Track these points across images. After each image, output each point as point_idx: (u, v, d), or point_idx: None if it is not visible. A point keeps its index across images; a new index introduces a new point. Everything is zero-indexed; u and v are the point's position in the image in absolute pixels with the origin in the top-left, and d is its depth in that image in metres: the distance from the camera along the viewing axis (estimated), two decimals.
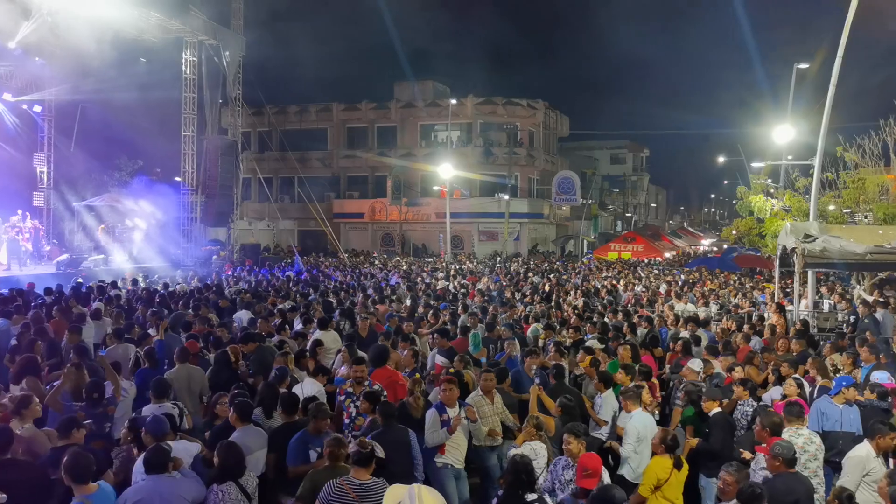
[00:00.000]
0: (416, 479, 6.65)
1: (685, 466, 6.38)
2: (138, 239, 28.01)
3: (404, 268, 30.38)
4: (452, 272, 27.60)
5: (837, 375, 8.90)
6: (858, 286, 21.13)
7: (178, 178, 31.80)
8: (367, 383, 8.06)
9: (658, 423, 8.08)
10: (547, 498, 5.54)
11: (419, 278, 24.63)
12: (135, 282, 20.31)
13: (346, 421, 7.82)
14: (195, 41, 30.34)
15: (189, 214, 31.25)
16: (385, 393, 8.19)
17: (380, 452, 5.50)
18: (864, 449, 6.45)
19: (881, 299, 17.50)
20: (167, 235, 29.25)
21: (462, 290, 20.27)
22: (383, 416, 6.84)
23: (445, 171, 40.88)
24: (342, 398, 7.97)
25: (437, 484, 6.74)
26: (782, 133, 25.33)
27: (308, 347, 10.22)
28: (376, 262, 34.64)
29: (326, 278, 24.37)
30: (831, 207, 22.57)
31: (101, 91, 26.58)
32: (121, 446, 6.78)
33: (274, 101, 47.22)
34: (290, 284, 21.35)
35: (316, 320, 12.14)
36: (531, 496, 5.44)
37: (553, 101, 52.67)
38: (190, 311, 13.82)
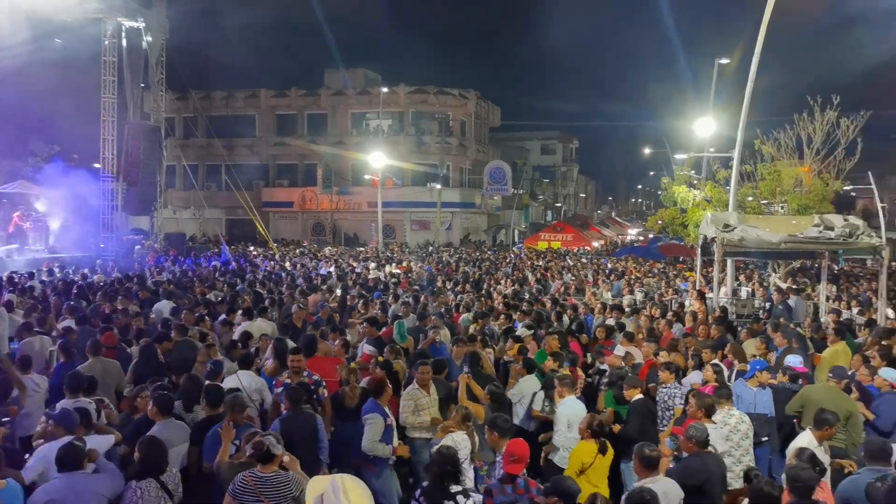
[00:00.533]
0: (322, 462, 6.75)
1: (610, 451, 6.52)
2: (55, 227, 26.82)
3: (335, 257, 30.06)
4: (383, 261, 27.49)
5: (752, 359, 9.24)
6: (774, 274, 22.07)
7: (97, 165, 30.54)
8: (305, 374, 7.94)
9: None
10: (471, 492, 5.56)
11: (350, 268, 24.43)
12: (51, 272, 19.46)
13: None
14: (115, 22, 29.14)
15: (110, 202, 30.06)
16: (324, 383, 8.07)
17: (276, 450, 5.41)
18: (807, 437, 6.70)
19: (794, 286, 18.34)
20: (86, 224, 28.12)
21: (393, 280, 20.20)
22: (291, 401, 6.79)
23: (377, 159, 40.61)
24: (279, 390, 7.82)
25: (375, 487, 6.68)
26: (704, 126, 26.12)
27: (237, 338, 10.00)
28: (307, 251, 34.17)
29: (255, 268, 23.90)
30: (750, 199, 23.39)
31: (13, 73, 25.24)
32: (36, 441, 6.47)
33: (200, 86, 45.91)
34: (217, 274, 20.85)
35: (241, 311, 11.89)
36: (456, 487, 5.44)
37: (485, 92, 52.97)
38: (108, 302, 13.32)
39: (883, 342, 10.49)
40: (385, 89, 47.09)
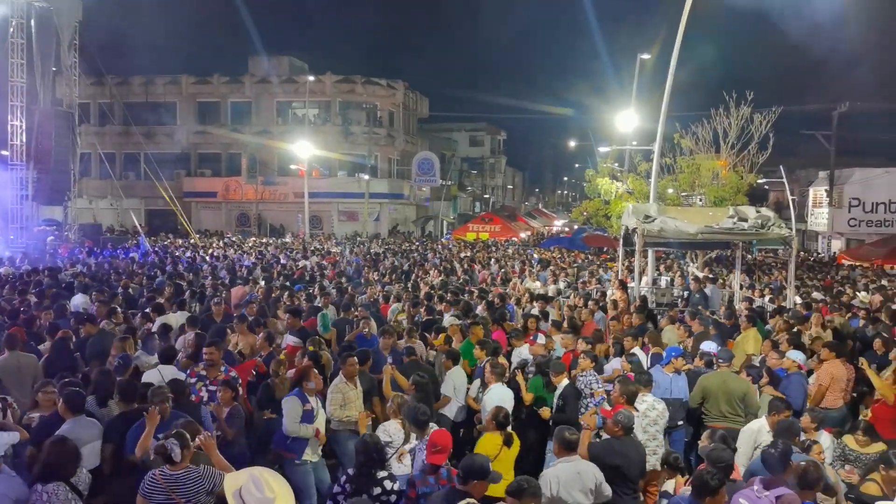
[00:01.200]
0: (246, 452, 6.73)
1: (516, 443, 6.60)
2: None
3: (260, 248, 29.48)
4: (309, 252, 27.13)
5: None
6: (692, 264, 22.85)
7: (5, 152, 28.96)
8: (223, 369, 7.75)
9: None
10: (396, 478, 5.58)
11: (275, 259, 24.00)
12: None
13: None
14: (22, 1, 27.63)
15: (20, 191, 28.60)
16: (238, 379, 7.92)
17: (176, 456, 5.27)
18: (759, 423, 6.96)
19: (710, 276, 19.01)
20: None
21: (319, 271, 19.96)
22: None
23: (304, 149, 39.96)
24: (193, 380, 7.64)
25: (295, 481, 6.58)
26: (626, 119, 26.79)
27: (156, 331, 9.68)
28: (231, 242, 33.39)
29: (176, 260, 23.20)
30: (670, 191, 24.13)
31: None
32: None
33: (116, 71, 44.02)
34: (135, 266, 20.15)
35: (153, 304, 11.53)
36: (382, 473, 5.53)
37: (413, 83, 52.78)
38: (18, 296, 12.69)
39: (794, 327, 11.01)
40: (311, 78, 46.32)
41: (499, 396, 7.64)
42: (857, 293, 17.55)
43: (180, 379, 7.16)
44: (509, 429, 6.70)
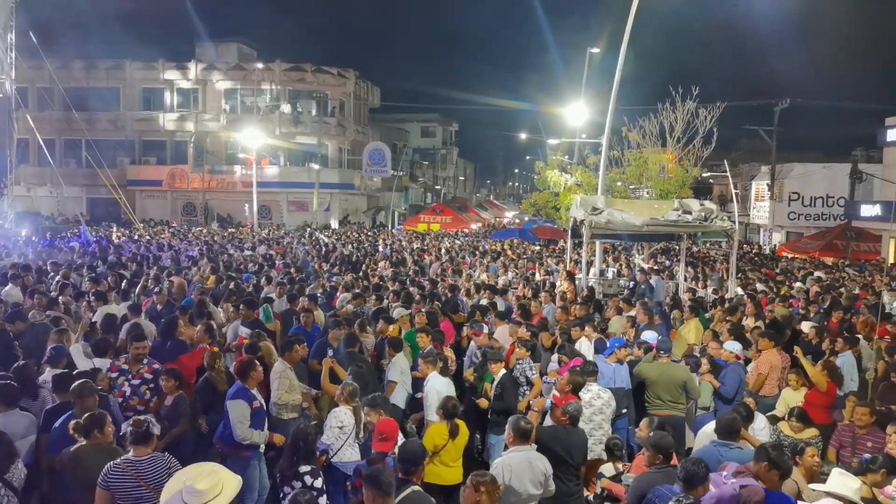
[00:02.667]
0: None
1: (463, 433, 6.65)
2: None
3: (206, 238, 28.94)
4: (257, 242, 26.76)
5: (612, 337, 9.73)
6: (638, 255, 23.27)
7: None
8: (146, 361, 7.58)
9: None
10: (319, 473, 5.57)
11: (222, 250, 23.59)
12: None
13: (119, 400, 7.30)
14: None
15: None
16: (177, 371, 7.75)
17: (156, 430, 5.17)
18: (712, 426, 7.04)
19: (655, 267, 19.39)
20: None
21: (267, 261, 19.72)
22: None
23: (252, 137, 39.30)
24: (115, 375, 7.44)
25: (241, 474, 6.48)
26: (576, 112, 27.07)
27: (97, 322, 9.42)
28: (176, 232, 32.69)
29: (118, 250, 22.60)
30: (619, 184, 24.49)
31: None
32: None
33: (57, 54, 42.46)
34: (75, 256, 19.56)
35: (95, 293, 11.23)
36: (305, 467, 5.41)
37: (364, 72, 52.35)
38: None
39: (728, 317, 11.33)
40: (260, 65, 45.56)
41: (439, 385, 7.67)
42: (794, 284, 18.12)
43: (99, 369, 6.94)
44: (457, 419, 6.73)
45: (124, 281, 13.89)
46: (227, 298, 12.12)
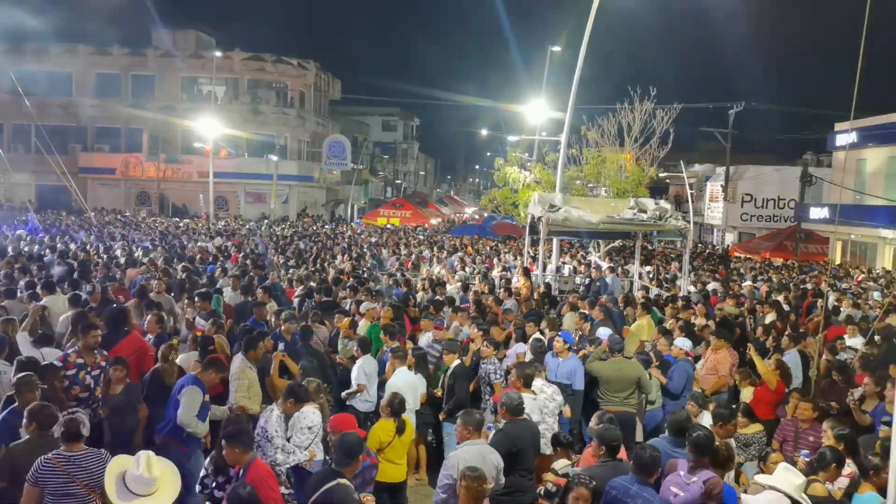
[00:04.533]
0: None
1: (408, 430, 6.64)
2: None
3: (160, 228, 28.39)
4: (212, 233, 26.35)
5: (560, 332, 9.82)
6: (594, 253, 23.52)
7: None
8: (95, 352, 7.40)
9: None
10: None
11: (176, 240, 23.17)
12: None
13: (85, 395, 7.11)
14: None
15: None
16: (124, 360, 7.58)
17: (85, 430, 5.04)
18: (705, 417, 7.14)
19: (611, 265, 19.62)
20: None
21: (222, 253, 19.43)
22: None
23: (209, 127, 38.63)
24: (73, 372, 7.22)
25: (182, 466, 6.39)
26: (536, 110, 27.22)
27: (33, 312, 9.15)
28: (129, 221, 32.00)
29: (68, 238, 22.03)
30: (578, 182, 24.70)
31: None
32: None
33: (6, 36, 41.10)
34: (22, 244, 19.02)
35: (43, 283, 10.93)
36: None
37: (325, 64, 51.82)
38: None
39: (679, 315, 11.52)
40: (219, 54, 44.70)
41: (403, 381, 7.65)
42: (744, 283, 18.53)
43: (55, 364, 6.74)
44: (404, 416, 6.73)
45: (73, 271, 13.54)
46: (182, 290, 11.93)
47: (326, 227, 36.40)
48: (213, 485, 5.40)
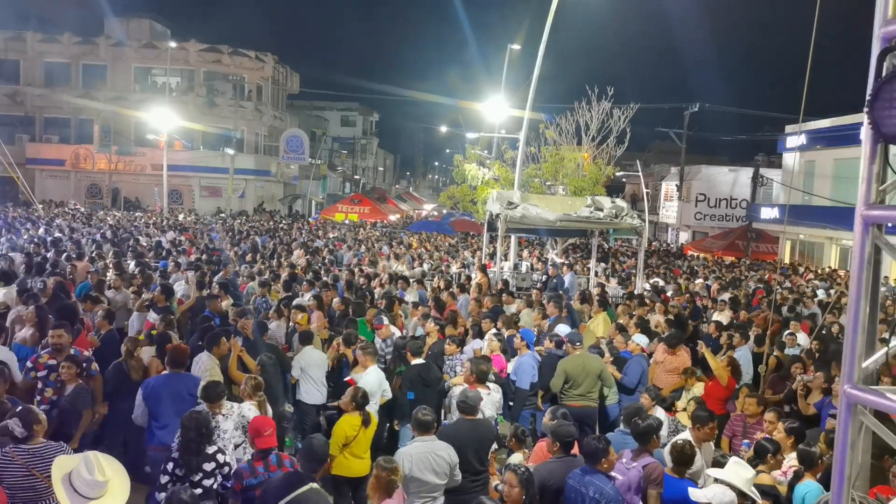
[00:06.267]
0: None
1: (373, 423, 6.62)
2: None
3: (111, 222, 27.74)
4: (165, 227, 25.86)
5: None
6: (551, 250, 23.73)
7: None
8: (73, 351, 7.19)
9: None
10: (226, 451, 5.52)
11: (129, 234, 22.66)
12: None
13: (56, 398, 6.88)
14: None
15: None
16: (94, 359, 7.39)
17: (18, 432, 4.91)
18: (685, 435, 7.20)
19: (568, 262, 19.82)
20: None
21: (180, 247, 19.10)
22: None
23: (164, 119, 37.84)
24: (44, 373, 6.95)
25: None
26: (494, 108, 27.33)
27: None
28: (78, 214, 31.18)
29: (14, 231, 21.36)
30: (536, 180, 24.89)
31: None
32: None
33: None
34: None
35: None
36: (212, 448, 5.43)
37: (283, 57, 51.19)
38: None
39: (635, 312, 11.69)
40: (173, 44, 43.85)
41: (375, 379, 7.61)
42: (695, 281, 18.90)
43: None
44: (368, 408, 6.69)
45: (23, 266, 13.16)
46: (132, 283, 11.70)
47: (283, 222, 35.99)
48: (169, 480, 5.29)
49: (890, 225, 3.09)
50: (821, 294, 17.78)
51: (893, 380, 7.49)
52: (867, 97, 2.72)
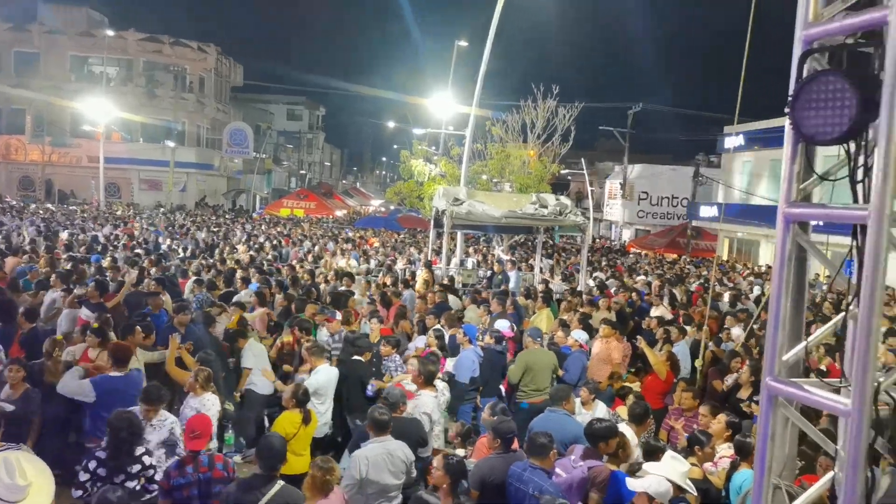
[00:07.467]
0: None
1: (314, 421, 6.56)
2: None
3: (44, 215, 26.81)
4: (101, 221, 25.12)
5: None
6: (497, 247, 23.88)
7: None
8: None
9: None
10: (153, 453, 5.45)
11: (62, 227, 21.94)
12: None
13: None
14: None
15: None
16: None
17: None
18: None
19: (512, 259, 19.98)
20: None
21: (115, 242, 18.56)
22: None
23: (101, 110, 36.71)
24: None
25: None
26: (442, 104, 27.35)
27: None
28: (8, 207, 30.04)
29: None
30: (484, 177, 24.97)
31: None
32: None
33: None
34: None
35: None
36: (140, 449, 5.33)
37: (227, 49, 50.23)
38: None
39: (579, 308, 11.85)
40: (111, 33, 42.54)
41: (326, 378, 7.52)
42: (637, 278, 19.27)
43: None
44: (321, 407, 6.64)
45: None
46: (67, 280, 11.30)
47: (227, 216, 35.35)
48: (89, 479, 5.11)
49: (819, 223, 3.18)
50: (756, 290, 18.33)
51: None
52: (788, 98, 2.80)
